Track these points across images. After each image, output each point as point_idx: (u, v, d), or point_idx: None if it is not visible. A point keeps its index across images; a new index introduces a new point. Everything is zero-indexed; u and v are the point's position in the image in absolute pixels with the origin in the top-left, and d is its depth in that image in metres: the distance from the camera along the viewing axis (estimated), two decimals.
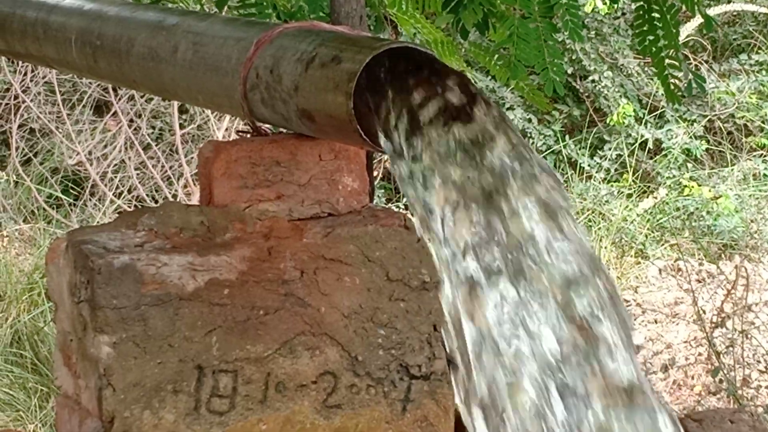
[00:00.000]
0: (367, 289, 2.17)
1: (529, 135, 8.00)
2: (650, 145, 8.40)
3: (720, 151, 8.48)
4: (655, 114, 8.60)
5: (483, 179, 1.69)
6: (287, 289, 2.14)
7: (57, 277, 2.15)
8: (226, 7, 3.28)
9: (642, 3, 3.06)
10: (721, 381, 5.41)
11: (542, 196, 1.70)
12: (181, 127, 7.06)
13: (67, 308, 2.13)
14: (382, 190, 7.42)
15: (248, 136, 2.23)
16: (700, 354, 5.80)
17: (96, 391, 2.09)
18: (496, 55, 3.26)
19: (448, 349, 1.69)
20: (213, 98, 2.29)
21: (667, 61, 3.11)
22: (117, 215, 2.29)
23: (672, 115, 8.54)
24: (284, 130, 2.16)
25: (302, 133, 2.07)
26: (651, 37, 3.10)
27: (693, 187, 7.79)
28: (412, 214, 1.77)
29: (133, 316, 2.07)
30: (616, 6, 7.62)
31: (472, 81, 1.80)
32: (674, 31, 3.11)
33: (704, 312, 5.64)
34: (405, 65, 1.80)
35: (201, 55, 2.20)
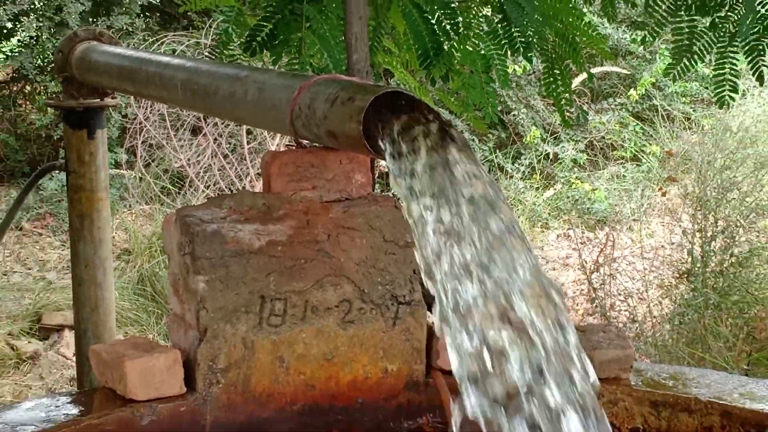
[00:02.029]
0: (371, 246, 2.17)
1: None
2: (551, 156, 8.39)
3: (595, 161, 8.47)
4: (554, 136, 8.59)
5: (445, 173, 1.70)
6: (319, 247, 2.14)
7: (169, 239, 2.15)
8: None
9: (548, 64, 3.03)
10: (596, 307, 5.41)
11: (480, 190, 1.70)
12: (248, 142, 7.04)
13: (176, 259, 2.12)
14: (378, 185, 7.41)
15: (293, 148, 2.22)
16: (582, 290, 5.80)
17: (195, 312, 2.08)
18: (453, 97, 3.24)
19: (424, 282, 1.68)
20: (270, 124, 2.29)
21: (563, 101, 3.09)
22: (206, 199, 2.26)
23: (565, 137, 8.53)
24: (317, 144, 2.15)
25: (329, 146, 2.06)
26: (553, 86, 3.08)
27: (578, 183, 7.79)
28: (398, 199, 1.77)
29: (219, 264, 2.07)
30: (529, 66, 7.60)
31: (438, 112, 1.79)
32: (567, 81, 3.09)
33: (585, 262, 5.63)
34: (395, 102, 1.80)
35: (263, 96, 2.18)
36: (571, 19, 2.99)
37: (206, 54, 7.10)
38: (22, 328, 5.34)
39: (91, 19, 8.07)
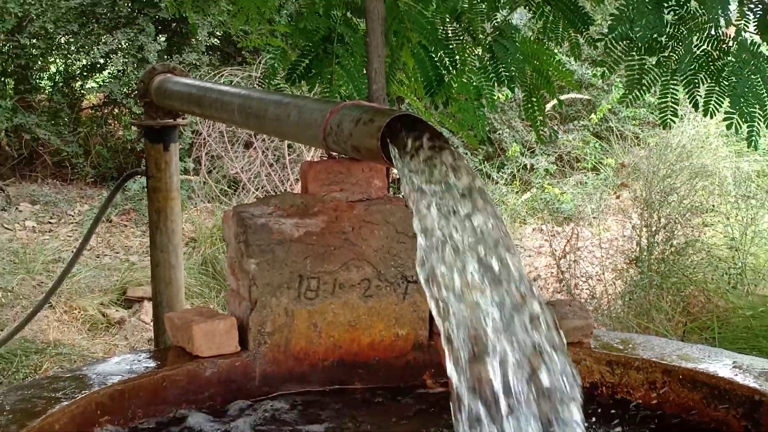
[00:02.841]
0: (386, 237, 2.16)
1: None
2: (528, 166, 8.34)
3: (563, 170, 8.42)
4: (530, 150, 8.53)
5: (441, 176, 1.70)
6: (345, 237, 2.13)
7: (228, 230, 2.15)
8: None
9: (526, 93, 3.02)
10: (563, 286, 5.39)
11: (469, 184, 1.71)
12: (289, 154, 7.03)
13: (233, 245, 2.13)
14: (391, 188, 7.41)
15: (326, 159, 2.22)
16: (552, 272, 5.76)
17: (247, 287, 2.09)
18: (451, 119, 3.23)
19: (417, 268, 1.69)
20: (307, 140, 2.27)
21: (538, 122, 3.08)
22: (256, 199, 2.26)
23: (539, 151, 8.47)
24: (344, 156, 2.14)
25: (354, 157, 2.05)
26: (530, 110, 3.06)
27: (549, 188, 7.73)
28: (407, 199, 1.76)
29: (266, 249, 2.07)
30: (511, 95, 7.58)
31: (440, 131, 1.79)
32: (542, 107, 3.08)
33: (555, 251, 5.61)
34: (406, 122, 1.80)
35: (302, 118, 2.18)
36: (545, 58, 2.98)
37: (256, 84, 7.14)
38: (111, 300, 5.36)
39: (166, 56, 8.08)
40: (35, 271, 5.64)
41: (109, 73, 8.64)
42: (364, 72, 2.75)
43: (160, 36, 8.28)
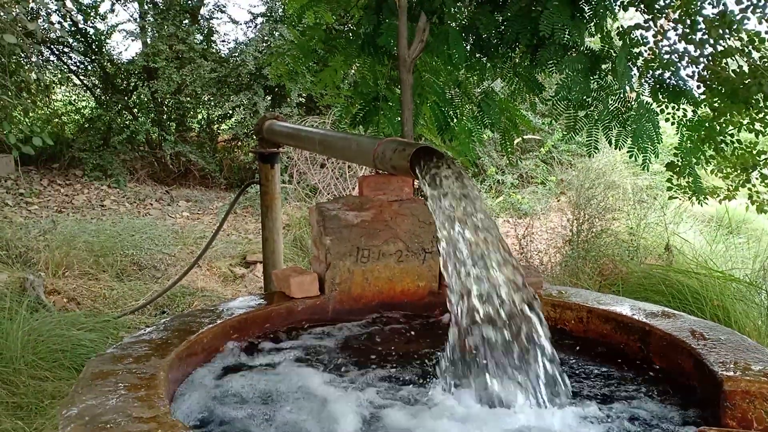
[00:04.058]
0: (412, 223, 2.15)
1: None
2: (500, 181, 8.27)
3: (523, 184, 8.34)
4: (501, 171, 8.45)
5: (456, 187, 1.68)
6: (386, 223, 2.13)
7: (312, 217, 2.15)
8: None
9: (502, 134, 3.00)
10: (522, 257, 5.34)
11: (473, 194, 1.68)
12: (348, 171, 7.03)
13: (315, 228, 2.13)
14: (416, 193, 7.36)
15: (374, 174, 2.21)
16: (515, 248, 5.69)
17: (324, 255, 2.09)
18: (453, 150, 3.22)
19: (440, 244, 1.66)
20: (363, 162, 2.25)
21: (509, 152, 3.06)
22: (328, 199, 2.25)
23: (507, 172, 8.40)
24: (386, 172, 2.14)
25: (391, 173, 2.03)
26: (504, 145, 3.04)
27: (514, 195, 7.68)
28: (427, 200, 1.74)
29: (337, 231, 2.07)
30: (491, 134, 7.51)
31: (451, 158, 1.77)
32: (511, 143, 3.06)
33: (518, 235, 5.55)
34: (427, 151, 1.79)
35: (360, 148, 2.16)
36: (514, 111, 2.97)
37: (329, 127, 7.15)
38: (236, 262, 5.41)
39: (271, 109, 8.12)
40: (188, 243, 5.70)
41: (234, 120, 8.70)
42: (398, 119, 2.75)
43: (267, 96, 8.31)
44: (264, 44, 8.25)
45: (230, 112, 8.60)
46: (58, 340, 2.75)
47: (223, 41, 10.74)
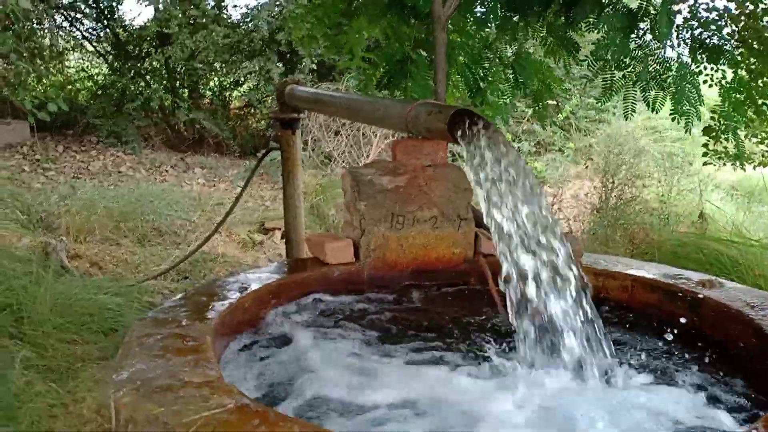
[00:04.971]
0: (447, 189, 2.10)
1: None
2: (519, 149, 8.13)
3: (539, 151, 8.19)
4: (518, 138, 8.32)
5: (496, 152, 1.61)
6: (420, 189, 2.07)
7: (345, 182, 2.10)
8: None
9: (535, 95, 2.89)
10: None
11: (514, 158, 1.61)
12: (362, 139, 6.92)
13: (349, 193, 2.08)
14: (450, 158, 7.25)
15: (406, 137, 2.14)
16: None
17: (359, 220, 2.04)
18: (488, 112, 3.11)
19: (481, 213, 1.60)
20: (391, 126, 2.18)
21: (543, 115, 2.95)
22: (366, 164, 2.19)
23: (523, 139, 8.26)
24: (418, 136, 2.06)
25: (426, 137, 1.97)
26: (538, 109, 2.94)
27: (531, 162, 7.56)
28: (466, 164, 1.66)
29: (371, 195, 2.02)
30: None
31: (487, 119, 1.69)
32: (545, 108, 2.96)
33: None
34: (464, 113, 1.71)
35: (390, 112, 2.08)
36: (547, 73, 2.86)
37: (353, 90, 7.01)
38: (255, 228, 5.37)
39: (283, 76, 7.98)
40: (206, 210, 5.66)
41: (248, 86, 8.58)
42: (426, 83, 2.65)
43: (279, 63, 8.16)
44: (276, 7, 8.07)
45: (242, 79, 8.46)
46: (85, 304, 2.73)
47: (235, 6, 10.54)
